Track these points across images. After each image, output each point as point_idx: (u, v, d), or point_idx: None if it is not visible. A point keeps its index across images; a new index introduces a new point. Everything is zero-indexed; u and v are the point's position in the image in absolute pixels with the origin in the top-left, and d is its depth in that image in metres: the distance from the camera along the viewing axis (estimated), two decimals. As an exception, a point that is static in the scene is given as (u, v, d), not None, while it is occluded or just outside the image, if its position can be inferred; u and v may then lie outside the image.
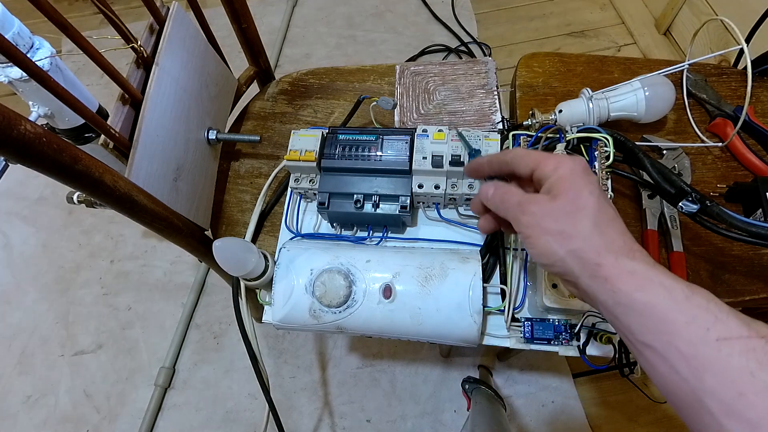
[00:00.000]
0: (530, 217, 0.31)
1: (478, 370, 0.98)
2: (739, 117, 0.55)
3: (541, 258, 0.31)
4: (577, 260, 0.29)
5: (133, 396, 1.00)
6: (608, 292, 0.28)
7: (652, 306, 0.26)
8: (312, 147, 0.48)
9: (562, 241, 0.30)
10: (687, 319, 0.25)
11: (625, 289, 0.27)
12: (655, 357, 0.26)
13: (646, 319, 0.26)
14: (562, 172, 0.31)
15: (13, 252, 1.17)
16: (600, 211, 0.30)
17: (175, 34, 0.51)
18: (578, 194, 0.30)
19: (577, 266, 0.29)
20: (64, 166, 0.33)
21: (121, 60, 0.45)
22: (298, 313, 0.44)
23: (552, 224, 0.30)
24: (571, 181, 0.31)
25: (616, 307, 0.28)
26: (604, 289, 0.28)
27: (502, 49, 1.41)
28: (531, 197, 0.32)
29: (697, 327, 0.25)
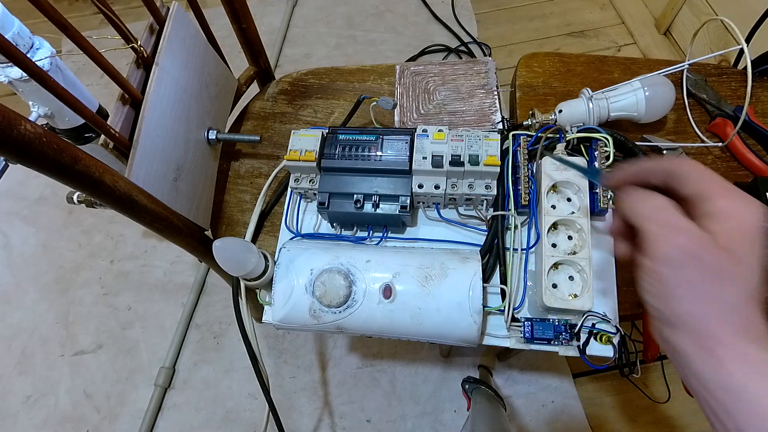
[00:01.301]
0: (676, 251, 0.25)
1: (478, 370, 0.98)
2: (739, 117, 0.55)
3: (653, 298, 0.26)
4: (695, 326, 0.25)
5: (133, 396, 1.00)
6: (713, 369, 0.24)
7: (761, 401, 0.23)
8: (312, 147, 0.48)
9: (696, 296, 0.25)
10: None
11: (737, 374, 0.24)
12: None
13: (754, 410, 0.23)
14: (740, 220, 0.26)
15: (13, 252, 1.17)
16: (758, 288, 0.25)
17: (175, 34, 0.51)
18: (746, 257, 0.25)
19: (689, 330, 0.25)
20: (64, 166, 0.33)
21: (121, 60, 0.45)
22: (298, 313, 0.44)
23: (696, 275, 0.25)
24: (744, 236, 0.25)
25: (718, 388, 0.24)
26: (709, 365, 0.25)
27: (502, 49, 1.41)
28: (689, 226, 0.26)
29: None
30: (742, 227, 0.26)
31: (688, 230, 0.26)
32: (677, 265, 0.25)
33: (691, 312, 0.25)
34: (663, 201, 0.28)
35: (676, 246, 0.25)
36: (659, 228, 0.26)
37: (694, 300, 0.25)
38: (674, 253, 0.25)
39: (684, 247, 0.25)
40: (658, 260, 0.26)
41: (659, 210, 0.27)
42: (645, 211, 0.28)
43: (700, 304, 0.25)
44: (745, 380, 0.23)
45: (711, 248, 0.25)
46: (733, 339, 0.24)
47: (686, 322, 0.25)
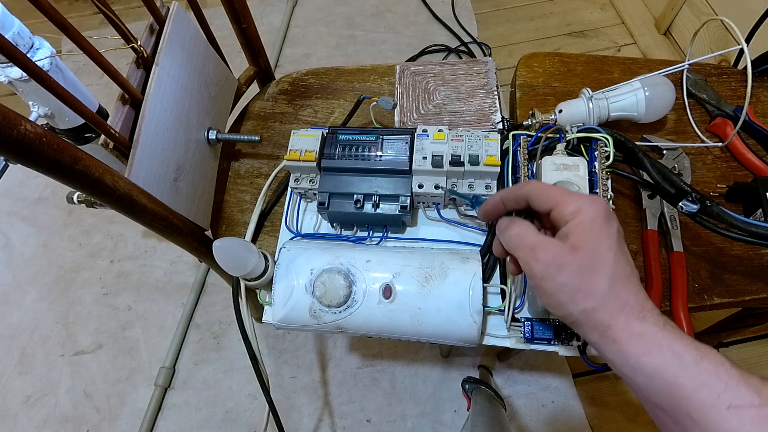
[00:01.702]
0: (543, 266, 0.30)
1: (478, 370, 0.98)
2: (739, 117, 0.55)
3: (551, 308, 0.31)
4: (589, 319, 0.29)
5: (133, 396, 1.00)
6: (616, 353, 0.28)
7: (660, 371, 0.26)
8: (312, 147, 0.48)
9: (576, 299, 0.29)
10: (696, 385, 0.25)
11: (633, 352, 0.27)
12: (666, 418, 0.26)
13: (656, 383, 0.26)
14: (582, 219, 0.30)
15: (13, 252, 1.17)
16: (617, 268, 0.29)
17: (175, 34, 0.51)
18: (597, 248, 0.29)
19: (588, 325, 0.29)
20: (64, 166, 0.33)
21: (121, 60, 0.45)
22: (298, 313, 0.44)
23: (566, 279, 0.29)
24: (591, 231, 0.30)
25: (624, 367, 0.28)
26: (612, 350, 0.28)
27: (502, 49, 1.41)
28: (545, 242, 0.31)
29: (708, 393, 0.25)
30: (588, 220, 0.30)
31: (546, 245, 0.30)
32: (549, 276, 0.30)
33: (579, 310, 0.29)
34: (522, 226, 0.33)
35: (541, 262, 0.30)
36: (525, 252, 0.31)
37: (576, 300, 0.29)
38: (542, 268, 0.30)
39: (546, 260, 0.30)
40: (535, 278, 0.31)
41: (520, 236, 0.32)
42: (511, 240, 0.33)
43: (582, 302, 0.29)
44: (640, 356, 0.27)
45: (568, 253, 0.29)
46: (621, 321, 0.28)
47: (582, 320, 0.29)
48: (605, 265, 0.29)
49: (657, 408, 0.27)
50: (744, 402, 0.24)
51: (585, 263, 0.29)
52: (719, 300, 0.50)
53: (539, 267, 0.30)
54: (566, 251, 0.29)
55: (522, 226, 0.33)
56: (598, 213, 0.30)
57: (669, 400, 0.26)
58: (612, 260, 0.29)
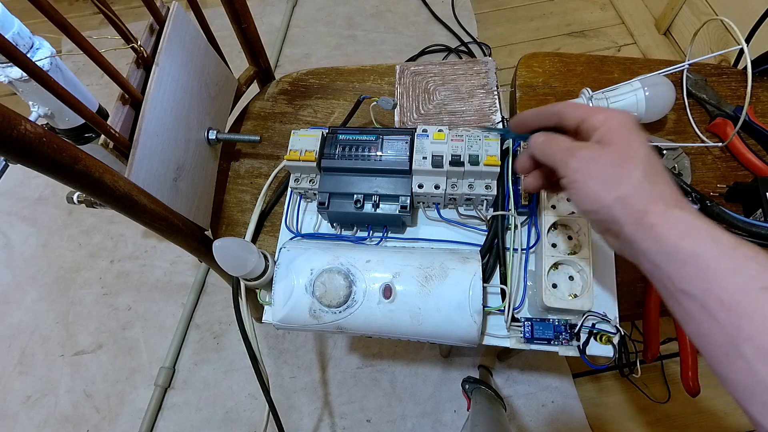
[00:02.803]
0: (578, 161, 0.31)
1: (478, 370, 0.98)
2: (739, 117, 0.55)
3: (586, 203, 0.31)
4: (624, 207, 0.29)
5: (133, 396, 1.00)
6: (652, 239, 0.28)
7: (696, 255, 0.26)
8: (312, 147, 0.48)
9: (611, 187, 0.29)
10: (732, 267, 0.25)
11: (671, 237, 0.27)
12: (693, 305, 0.26)
13: (690, 268, 0.26)
14: (612, 124, 0.31)
15: (13, 252, 1.17)
16: (650, 161, 0.30)
17: (175, 34, 0.51)
18: (629, 144, 0.30)
19: (623, 213, 0.29)
20: (64, 166, 0.33)
21: (121, 60, 0.45)
22: (298, 313, 0.44)
23: (601, 169, 0.30)
24: (621, 132, 0.31)
25: (658, 255, 0.28)
26: (648, 237, 0.28)
27: (502, 49, 1.41)
28: (581, 144, 0.32)
29: (741, 276, 0.25)
30: (618, 124, 0.31)
31: (582, 146, 0.32)
32: (583, 168, 0.31)
33: (614, 197, 0.29)
34: (561, 137, 0.34)
35: (578, 158, 0.31)
36: (561, 153, 0.32)
37: (611, 188, 0.29)
38: (579, 162, 0.31)
39: (583, 155, 0.31)
40: (570, 172, 0.31)
41: (557, 141, 0.33)
42: (549, 146, 0.34)
43: (617, 188, 0.29)
44: (678, 240, 0.27)
45: (601, 148, 0.31)
46: (660, 206, 0.28)
47: (616, 210, 0.29)
48: (638, 157, 0.30)
49: (685, 296, 0.26)
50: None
51: (619, 155, 0.30)
52: (719, 300, 0.50)
53: (574, 161, 0.31)
54: (600, 147, 0.31)
55: (558, 136, 0.34)
56: (627, 119, 0.31)
57: (701, 284, 0.26)
58: (645, 154, 0.30)
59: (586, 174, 0.30)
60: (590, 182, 0.30)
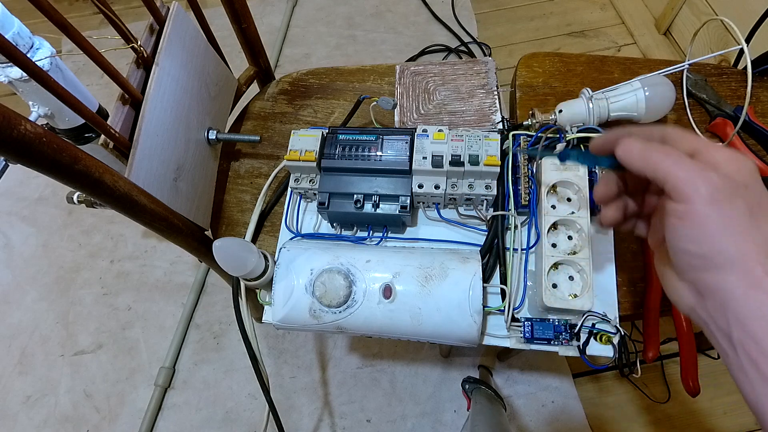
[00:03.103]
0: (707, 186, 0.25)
1: (478, 370, 0.98)
2: (739, 117, 0.55)
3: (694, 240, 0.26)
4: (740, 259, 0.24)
5: (133, 396, 1.00)
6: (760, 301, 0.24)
7: None
8: (312, 147, 0.48)
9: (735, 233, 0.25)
10: None
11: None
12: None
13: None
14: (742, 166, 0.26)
15: (13, 252, 1.17)
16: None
17: (175, 34, 0.51)
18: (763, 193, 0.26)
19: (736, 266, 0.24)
20: (63, 166, 0.33)
21: (121, 60, 0.45)
22: (298, 313, 0.44)
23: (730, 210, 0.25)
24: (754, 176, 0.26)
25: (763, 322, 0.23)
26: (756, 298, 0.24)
27: (502, 49, 1.41)
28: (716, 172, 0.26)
29: None
30: (751, 169, 0.26)
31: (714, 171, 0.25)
32: (714, 201, 0.25)
33: (735, 246, 0.25)
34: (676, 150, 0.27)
35: (711, 185, 0.25)
36: (688, 171, 0.26)
37: (737, 234, 0.25)
38: (710, 191, 0.25)
39: (718, 185, 0.25)
40: (693, 200, 0.25)
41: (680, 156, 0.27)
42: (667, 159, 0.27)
43: (742, 238, 0.25)
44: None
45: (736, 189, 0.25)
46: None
47: (731, 258, 0.25)
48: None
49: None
50: None
51: (752, 199, 0.25)
52: (719, 300, 0.50)
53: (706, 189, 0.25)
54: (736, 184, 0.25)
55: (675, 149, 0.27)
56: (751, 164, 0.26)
57: None
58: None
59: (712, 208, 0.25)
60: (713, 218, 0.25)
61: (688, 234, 0.26)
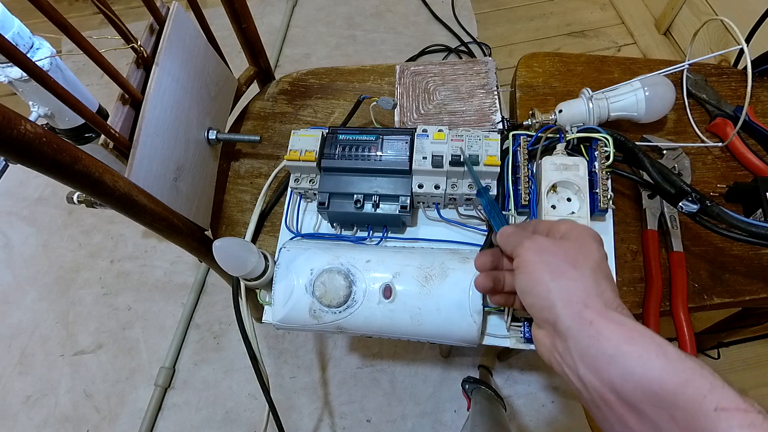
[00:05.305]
0: (534, 243, 0.32)
1: (478, 370, 0.98)
2: (739, 117, 0.55)
3: (528, 286, 0.31)
4: (565, 296, 0.28)
5: (133, 396, 1.00)
6: (591, 338, 0.26)
7: (643, 361, 0.24)
8: (312, 147, 0.48)
9: (556, 274, 0.29)
10: (681, 381, 0.23)
11: (613, 337, 0.25)
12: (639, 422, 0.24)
13: (635, 376, 0.24)
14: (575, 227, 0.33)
15: (13, 252, 1.17)
16: (602, 265, 0.30)
17: (175, 34, 0.51)
18: (586, 244, 0.31)
19: (563, 303, 0.28)
20: (63, 166, 0.33)
21: (121, 60, 0.45)
22: (298, 313, 0.44)
23: (552, 258, 0.30)
24: (582, 234, 0.32)
25: (598, 357, 0.25)
26: (587, 334, 0.26)
27: (502, 49, 1.41)
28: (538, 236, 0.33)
29: (693, 391, 0.23)
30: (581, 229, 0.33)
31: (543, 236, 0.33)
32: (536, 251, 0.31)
33: (560, 288, 0.29)
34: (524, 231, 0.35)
35: (534, 241, 0.32)
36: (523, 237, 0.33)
37: (559, 278, 0.29)
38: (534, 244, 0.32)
39: (540, 241, 0.32)
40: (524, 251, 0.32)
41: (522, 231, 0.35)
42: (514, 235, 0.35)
43: (562, 278, 0.29)
44: (622, 343, 0.25)
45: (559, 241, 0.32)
46: (600, 305, 0.28)
47: (556, 298, 0.29)
48: (591, 256, 0.30)
49: (630, 411, 0.24)
50: (731, 405, 0.22)
51: (573, 250, 0.31)
52: (719, 300, 0.50)
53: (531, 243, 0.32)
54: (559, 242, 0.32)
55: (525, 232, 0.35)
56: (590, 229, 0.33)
57: (647, 397, 0.23)
58: (599, 257, 0.31)
59: (537, 258, 0.31)
60: (538, 265, 0.30)
61: (523, 279, 0.31)
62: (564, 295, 0.28)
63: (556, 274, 0.29)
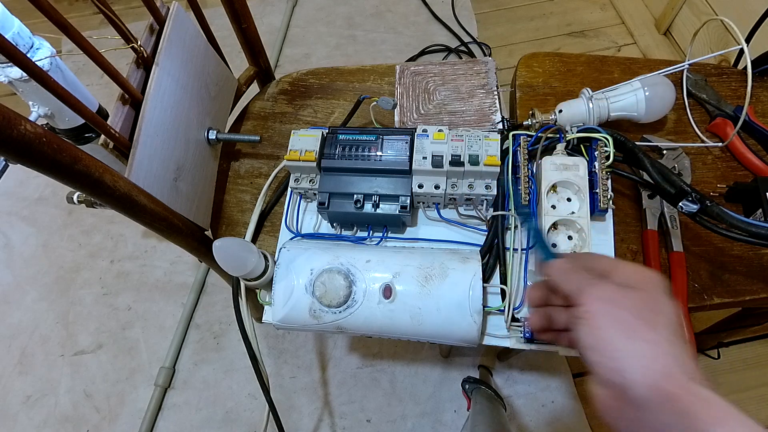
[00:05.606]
0: (602, 293, 0.28)
1: (478, 370, 0.98)
2: (739, 117, 0.55)
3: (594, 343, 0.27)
4: (640, 363, 0.25)
5: (133, 396, 1.00)
6: (676, 414, 0.24)
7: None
8: (312, 147, 0.48)
9: (629, 335, 0.26)
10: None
11: (701, 416, 0.23)
12: None
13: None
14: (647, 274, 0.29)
15: (13, 252, 1.17)
16: (678, 323, 0.27)
17: (175, 34, 0.51)
18: (659, 296, 0.28)
19: (637, 369, 0.25)
20: (63, 166, 0.33)
21: (121, 60, 0.45)
22: (298, 313, 0.44)
23: (622, 313, 0.27)
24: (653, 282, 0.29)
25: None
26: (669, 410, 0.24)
27: (502, 49, 1.41)
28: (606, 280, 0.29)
29: None
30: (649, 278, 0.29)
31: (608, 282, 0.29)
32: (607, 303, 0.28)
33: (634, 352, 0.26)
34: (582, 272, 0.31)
35: (603, 291, 0.28)
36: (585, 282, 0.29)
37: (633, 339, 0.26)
38: (604, 296, 0.28)
39: (609, 293, 0.28)
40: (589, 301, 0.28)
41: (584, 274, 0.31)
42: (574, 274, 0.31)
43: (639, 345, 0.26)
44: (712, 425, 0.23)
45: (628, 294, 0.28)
46: (684, 380, 0.24)
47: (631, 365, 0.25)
48: (666, 314, 0.27)
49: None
50: None
51: (646, 304, 0.27)
52: (719, 300, 0.50)
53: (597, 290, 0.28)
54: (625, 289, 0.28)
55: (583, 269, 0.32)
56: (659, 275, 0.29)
57: None
58: (674, 313, 0.27)
59: (605, 310, 0.27)
60: (607, 320, 0.27)
61: (588, 334, 0.28)
62: (639, 362, 0.25)
63: (629, 334, 0.26)
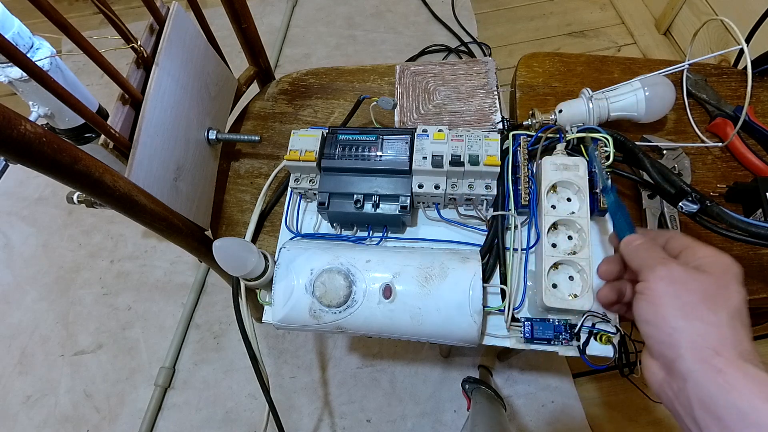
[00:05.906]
0: (668, 272, 0.29)
1: (478, 370, 0.98)
2: (739, 117, 0.55)
3: (651, 318, 0.28)
4: (694, 339, 0.26)
5: (133, 396, 1.00)
6: (720, 386, 0.24)
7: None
8: (312, 147, 0.48)
9: (688, 315, 0.27)
10: None
11: (745, 393, 0.24)
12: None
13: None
14: (720, 259, 0.29)
15: (13, 252, 1.17)
16: (742, 311, 0.28)
17: (175, 34, 0.51)
18: (728, 282, 0.28)
19: (689, 343, 0.26)
20: (63, 166, 0.33)
21: (121, 60, 0.45)
22: (298, 313, 0.44)
23: (685, 294, 0.27)
24: (726, 267, 0.29)
25: (726, 409, 0.24)
26: (714, 382, 0.25)
27: (502, 49, 1.41)
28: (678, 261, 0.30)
29: None
30: (726, 263, 0.29)
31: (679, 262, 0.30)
32: (669, 281, 0.28)
33: (689, 330, 0.27)
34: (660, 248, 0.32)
35: (669, 269, 0.29)
36: (655, 260, 0.30)
37: (691, 320, 0.27)
38: (669, 276, 0.29)
39: (676, 274, 0.29)
40: (654, 278, 0.29)
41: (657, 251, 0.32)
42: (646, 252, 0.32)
43: (696, 324, 0.27)
44: (757, 401, 0.23)
45: (696, 276, 0.29)
46: (734, 356, 0.25)
47: (684, 340, 0.26)
48: (731, 299, 0.28)
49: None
50: None
51: (713, 288, 0.28)
52: (719, 300, 0.50)
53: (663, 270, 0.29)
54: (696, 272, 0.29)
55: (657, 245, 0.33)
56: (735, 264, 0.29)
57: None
58: (740, 300, 0.28)
59: (668, 290, 0.28)
60: (668, 299, 0.28)
61: (646, 309, 0.29)
62: (693, 339, 0.26)
63: (688, 314, 0.27)
